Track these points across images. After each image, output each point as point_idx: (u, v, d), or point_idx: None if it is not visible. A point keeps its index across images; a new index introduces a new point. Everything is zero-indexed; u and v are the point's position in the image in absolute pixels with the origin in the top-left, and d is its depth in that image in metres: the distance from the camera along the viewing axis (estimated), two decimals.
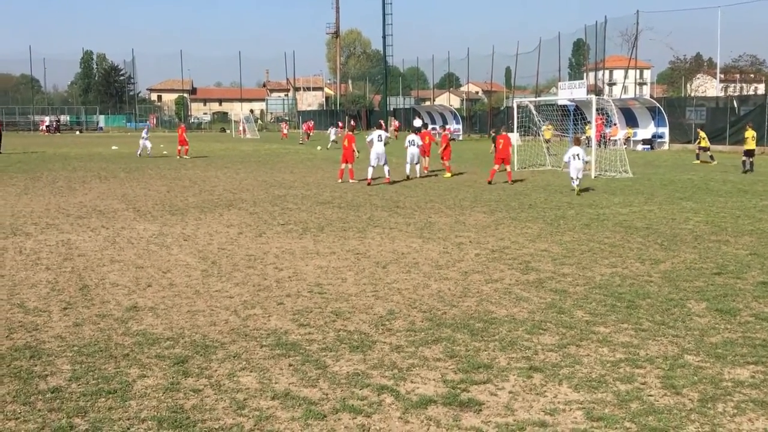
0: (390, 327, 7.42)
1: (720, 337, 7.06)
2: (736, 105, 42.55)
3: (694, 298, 8.51)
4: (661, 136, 44.01)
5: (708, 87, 69.74)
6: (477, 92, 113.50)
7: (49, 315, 7.83)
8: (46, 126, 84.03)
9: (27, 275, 9.75)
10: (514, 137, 30.40)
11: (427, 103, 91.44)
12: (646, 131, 44.86)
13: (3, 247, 11.82)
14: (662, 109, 44.04)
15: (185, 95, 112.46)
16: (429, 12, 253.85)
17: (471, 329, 7.31)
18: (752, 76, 69.89)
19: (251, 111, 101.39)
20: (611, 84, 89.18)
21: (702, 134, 33.59)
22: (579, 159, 20.04)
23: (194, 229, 13.74)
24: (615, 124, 39.98)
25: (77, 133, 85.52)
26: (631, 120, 45.48)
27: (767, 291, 8.83)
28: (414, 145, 24.06)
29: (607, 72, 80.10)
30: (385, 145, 22.66)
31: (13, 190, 20.50)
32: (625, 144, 38.06)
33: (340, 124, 65.09)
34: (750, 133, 26.35)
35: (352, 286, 9.20)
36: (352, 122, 47.82)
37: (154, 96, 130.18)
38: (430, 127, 63.67)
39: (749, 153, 26.30)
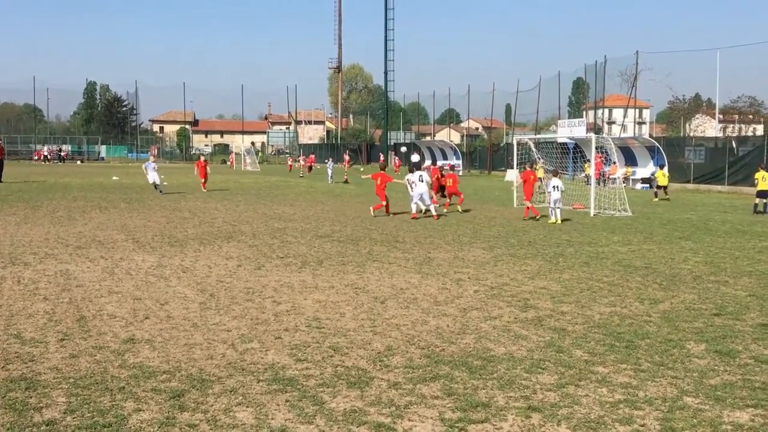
0: (388, 363, 7.38)
1: (719, 379, 7.02)
2: (734, 145, 42.80)
3: (694, 339, 8.48)
4: None
5: (707, 127, 70.25)
6: (477, 128, 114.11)
7: (46, 346, 7.80)
8: (45, 156, 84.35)
9: (24, 305, 9.73)
10: (513, 174, 30.54)
11: (428, 138, 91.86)
12: (645, 170, 45.03)
13: (1, 276, 11.80)
14: (661, 148, 44.28)
15: (187, 127, 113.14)
16: (430, 48, 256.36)
17: (469, 367, 7.27)
18: (751, 117, 70.42)
19: (252, 143, 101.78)
20: (610, 123, 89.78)
21: (660, 172, 34.24)
22: (557, 190, 21.85)
23: (193, 261, 13.73)
24: (614, 163, 40.09)
25: (78, 162, 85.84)
26: (630, 159, 45.69)
27: (767, 333, 8.80)
28: (422, 181, 23.92)
29: (606, 111, 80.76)
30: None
31: (13, 219, 20.51)
32: (624, 183, 38.17)
33: (346, 157, 65.43)
34: (760, 174, 26.42)
35: (351, 321, 9.17)
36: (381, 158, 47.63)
37: (156, 127, 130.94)
38: (428, 162, 63.97)
39: (762, 194, 26.35)
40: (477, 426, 5.77)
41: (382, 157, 69.87)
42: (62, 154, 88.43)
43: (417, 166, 28.22)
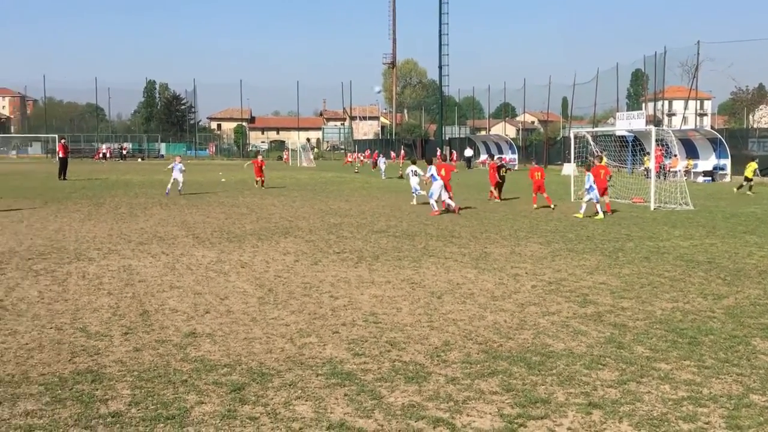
0: (445, 358, 7.37)
1: None
2: None
3: (760, 336, 8.25)
4: (722, 168, 43.09)
5: None
6: (533, 122, 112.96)
7: (111, 339, 8.00)
8: (102, 154, 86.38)
9: (90, 300, 9.99)
10: (571, 168, 30.17)
11: (483, 132, 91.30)
12: (707, 163, 43.98)
13: (67, 271, 12.14)
14: (724, 140, 43.15)
15: (244, 124, 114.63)
16: (486, 42, 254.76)
17: (528, 362, 7.21)
18: None
19: (308, 140, 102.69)
20: (671, 115, 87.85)
21: (751, 165, 32.90)
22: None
23: (251, 256, 13.91)
24: (675, 156, 39.30)
25: (139, 160, 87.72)
26: (691, 151, 44.66)
27: None
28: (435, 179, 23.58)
29: (666, 102, 78.98)
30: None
31: (77, 216, 21.07)
32: (685, 176, 37.33)
33: (393, 154, 65.49)
34: None
35: (407, 316, 9.17)
36: (441, 152, 47.31)
37: (213, 125, 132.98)
38: (485, 156, 63.59)
39: None
40: (537, 422, 5.71)
41: (439, 152, 69.74)
42: (123, 151, 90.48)
43: (469, 161, 28.29)
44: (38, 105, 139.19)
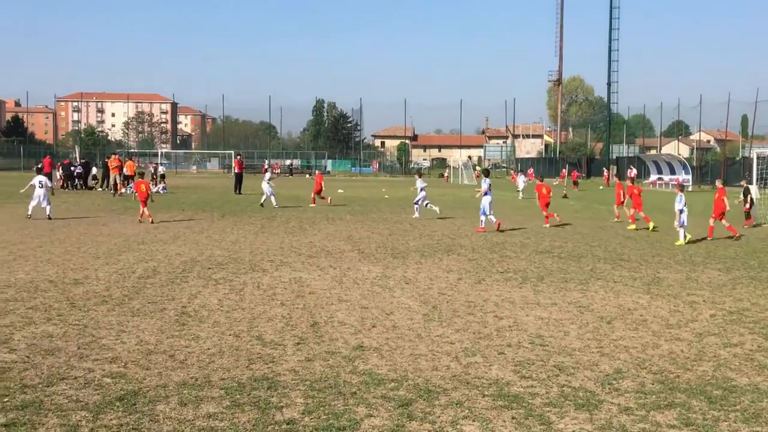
0: (617, 387, 7.08)
1: None
2: None
3: None
4: None
5: None
6: (708, 141, 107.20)
7: (284, 349, 8.32)
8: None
9: (264, 309, 10.45)
10: (753, 190, 28.34)
11: (653, 151, 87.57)
12: None
13: (243, 281, 12.78)
14: None
15: (407, 141, 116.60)
16: (658, 56, 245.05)
17: (708, 396, 6.79)
18: None
19: (469, 157, 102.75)
20: None
21: None
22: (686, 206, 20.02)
23: (415, 272, 14.04)
24: None
25: (307, 176, 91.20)
26: None
27: None
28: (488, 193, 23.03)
29: None
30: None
31: (251, 229, 22.16)
32: None
33: (530, 171, 63.92)
34: None
35: (575, 341, 8.92)
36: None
37: (377, 142, 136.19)
38: (655, 176, 61.02)
39: None
40: None
41: (606, 172, 67.58)
42: (292, 167, 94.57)
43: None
44: (217, 123, 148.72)
